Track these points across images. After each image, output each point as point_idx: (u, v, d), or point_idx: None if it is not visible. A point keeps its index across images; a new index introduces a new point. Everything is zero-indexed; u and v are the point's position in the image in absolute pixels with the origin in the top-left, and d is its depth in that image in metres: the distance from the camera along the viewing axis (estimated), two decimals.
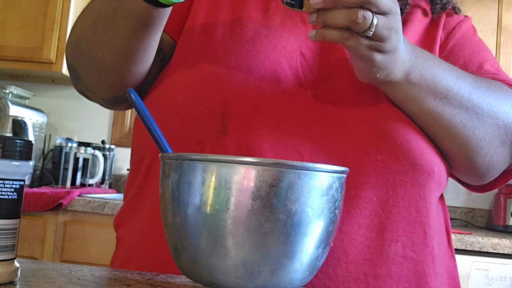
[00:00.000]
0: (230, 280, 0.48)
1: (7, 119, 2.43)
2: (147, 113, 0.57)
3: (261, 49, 0.71)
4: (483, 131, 0.69)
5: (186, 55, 0.75)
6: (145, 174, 0.74)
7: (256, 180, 0.46)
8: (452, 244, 0.78)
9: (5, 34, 2.54)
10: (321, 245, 0.50)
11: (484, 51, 0.82)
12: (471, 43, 0.81)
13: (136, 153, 0.77)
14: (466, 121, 0.68)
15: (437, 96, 0.67)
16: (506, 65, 2.40)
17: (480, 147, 0.70)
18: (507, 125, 0.71)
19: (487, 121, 0.69)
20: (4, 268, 0.49)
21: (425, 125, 0.69)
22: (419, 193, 0.68)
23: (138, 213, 0.74)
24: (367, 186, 0.65)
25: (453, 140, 0.70)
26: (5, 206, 0.49)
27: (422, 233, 0.68)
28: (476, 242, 1.97)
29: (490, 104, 0.69)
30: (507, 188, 2.42)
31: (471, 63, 0.79)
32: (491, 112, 0.69)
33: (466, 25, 0.83)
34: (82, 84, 0.77)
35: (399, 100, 0.68)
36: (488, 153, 0.71)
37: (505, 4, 2.45)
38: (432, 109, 0.67)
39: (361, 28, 0.58)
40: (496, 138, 0.70)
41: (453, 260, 0.77)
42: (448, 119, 0.68)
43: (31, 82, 2.87)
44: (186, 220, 0.49)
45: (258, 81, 0.69)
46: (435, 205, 0.72)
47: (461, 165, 0.74)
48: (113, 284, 0.54)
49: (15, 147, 0.50)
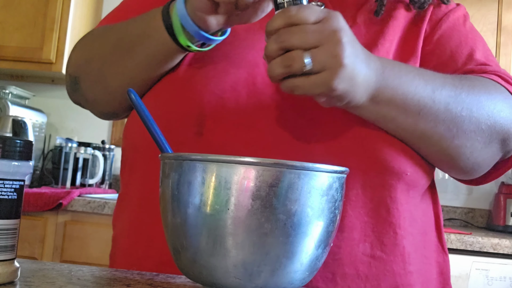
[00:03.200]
0: (230, 280, 0.48)
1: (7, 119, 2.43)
2: (147, 113, 0.57)
3: (239, 52, 0.72)
4: (464, 138, 0.68)
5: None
6: (129, 172, 0.76)
7: (256, 180, 0.46)
8: (443, 240, 0.78)
9: (5, 34, 2.53)
10: (321, 245, 0.50)
11: (473, 41, 0.79)
12: (459, 34, 0.79)
13: (123, 153, 0.79)
14: (444, 133, 0.67)
15: (409, 114, 0.65)
16: (506, 65, 2.40)
17: (461, 153, 0.69)
18: (490, 126, 0.69)
19: (468, 128, 0.68)
20: (4, 268, 0.49)
21: (401, 138, 0.68)
22: (389, 195, 0.68)
23: (125, 211, 0.76)
24: None
25: (431, 149, 0.69)
26: (5, 206, 0.49)
27: (392, 233, 0.69)
28: (476, 242, 1.97)
29: (471, 110, 0.67)
30: (507, 188, 2.42)
31: (458, 54, 0.77)
32: (472, 118, 0.68)
33: (455, 15, 0.80)
34: (81, 96, 0.80)
35: (368, 119, 0.67)
36: (471, 156, 0.70)
37: (505, 4, 2.45)
38: (405, 126, 0.66)
39: (297, 69, 0.56)
40: (479, 142, 0.69)
41: (444, 255, 0.77)
42: (423, 133, 0.67)
43: (31, 82, 2.87)
44: (186, 220, 0.49)
45: (233, 83, 0.69)
46: (412, 205, 0.72)
47: (443, 166, 0.74)
48: (113, 284, 0.54)
49: (15, 147, 0.50)
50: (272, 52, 0.57)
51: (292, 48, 0.56)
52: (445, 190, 2.60)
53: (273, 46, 0.57)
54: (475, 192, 2.63)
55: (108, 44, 0.75)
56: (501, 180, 2.45)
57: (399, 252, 0.69)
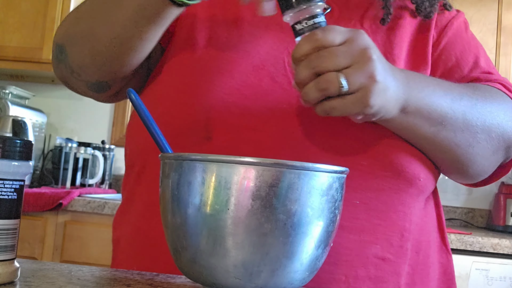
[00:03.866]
0: (230, 280, 0.48)
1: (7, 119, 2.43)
2: (147, 113, 0.57)
3: (244, 55, 0.72)
4: (477, 148, 0.70)
5: (171, 62, 0.75)
6: (135, 180, 0.75)
7: (256, 180, 0.46)
8: (446, 240, 0.79)
9: (5, 34, 2.54)
10: (321, 245, 0.50)
11: (476, 48, 0.81)
12: (463, 41, 0.80)
13: (128, 159, 0.78)
14: (460, 142, 0.69)
15: (433, 124, 0.67)
16: (506, 65, 2.40)
17: (473, 161, 0.72)
18: (499, 135, 0.72)
19: (481, 137, 0.70)
20: (4, 268, 0.49)
21: (419, 146, 0.70)
22: (400, 198, 0.69)
23: (129, 217, 0.75)
24: (350, 189, 0.65)
25: (446, 157, 0.71)
26: (5, 206, 0.49)
27: (399, 235, 0.69)
28: (476, 242, 1.97)
29: (484, 120, 0.70)
30: (507, 188, 2.42)
31: (464, 61, 0.79)
32: (485, 127, 0.70)
33: (458, 22, 0.81)
34: (67, 65, 0.75)
35: (394, 130, 0.68)
36: (480, 163, 0.73)
37: (505, 5, 2.45)
38: (427, 135, 0.68)
39: (334, 91, 0.57)
40: (489, 150, 0.72)
41: (448, 255, 0.78)
42: (442, 142, 0.68)
43: (31, 82, 2.87)
44: (186, 220, 0.49)
45: (239, 86, 0.69)
46: (418, 208, 0.73)
47: (452, 173, 0.76)
48: (113, 284, 0.54)
49: (15, 147, 0.50)
50: (305, 78, 0.57)
51: (325, 72, 0.56)
52: (445, 190, 2.60)
53: (305, 72, 0.57)
54: (475, 192, 2.63)
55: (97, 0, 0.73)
56: (501, 180, 2.46)
57: (404, 253, 0.70)
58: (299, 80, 0.58)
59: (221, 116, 0.68)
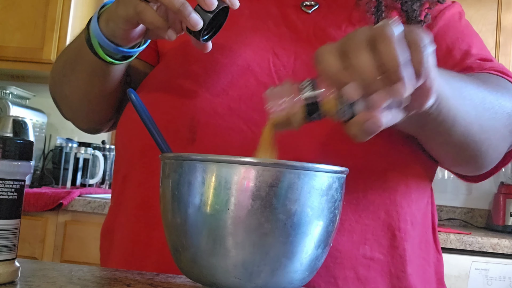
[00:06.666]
0: (230, 280, 0.48)
1: (8, 120, 2.43)
2: (147, 113, 0.57)
3: (229, 55, 0.72)
4: (489, 140, 0.68)
5: (160, 66, 0.77)
6: (121, 185, 0.75)
7: (256, 180, 0.47)
8: (437, 239, 0.79)
9: (5, 34, 2.54)
10: (321, 245, 0.50)
11: (470, 36, 0.79)
12: (455, 30, 0.79)
13: (115, 164, 0.80)
14: (476, 135, 0.65)
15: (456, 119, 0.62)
16: (506, 65, 2.39)
17: (485, 153, 0.69)
18: (507, 125, 0.70)
19: (492, 129, 0.68)
20: (5, 268, 0.49)
21: (432, 143, 0.67)
22: (390, 197, 0.69)
23: (118, 223, 0.75)
24: None
25: (461, 154, 0.68)
26: (5, 206, 0.49)
27: (390, 235, 0.69)
28: (476, 242, 1.97)
29: (496, 113, 0.68)
30: (507, 188, 2.42)
31: (455, 50, 0.77)
32: (496, 121, 0.68)
33: (450, 12, 0.80)
34: (63, 114, 0.86)
35: (421, 127, 0.62)
36: (489, 156, 0.70)
37: (505, 5, 2.45)
38: (452, 133, 0.63)
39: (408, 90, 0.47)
40: (498, 140, 0.70)
41: (438, 255, 0.78)
42: (459, 138, 0.64)
43: (31, 82, 2.87)
44: (186, 220, 0.49)
45: (225, 87, 0.69)
46: (415, 208, 0.72)
47: (461, 165, 0.73)
48: (113, 284, 0.54)
49: (16, 147, 0.50)
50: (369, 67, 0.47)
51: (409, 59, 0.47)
52: (445, 190, 2.60)
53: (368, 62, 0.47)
54: (475, 192, 2.63)
55: (60, 64, 0.80)
56: (501, 180, 2.46)
57: (398, 254, 0.69)
58: (361, 68, 0.47)
59: (206, 117, 0.68)
